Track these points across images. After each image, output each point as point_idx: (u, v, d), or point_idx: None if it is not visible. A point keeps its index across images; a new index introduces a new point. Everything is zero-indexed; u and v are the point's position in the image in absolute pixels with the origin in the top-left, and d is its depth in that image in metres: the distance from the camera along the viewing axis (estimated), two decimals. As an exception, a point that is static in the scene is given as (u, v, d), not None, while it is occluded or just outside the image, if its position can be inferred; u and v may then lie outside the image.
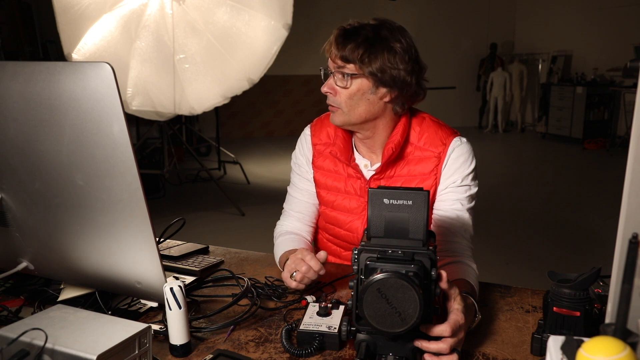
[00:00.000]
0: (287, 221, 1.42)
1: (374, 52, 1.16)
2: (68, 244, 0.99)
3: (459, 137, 1.29)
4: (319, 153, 1.37)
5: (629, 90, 8.07)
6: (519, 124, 10.17)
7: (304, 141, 1.41)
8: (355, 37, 1.17)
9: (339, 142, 1.32)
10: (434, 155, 1.26)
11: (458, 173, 1.26)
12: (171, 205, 5.08)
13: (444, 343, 0.83)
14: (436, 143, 1.27)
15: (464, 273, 1.11)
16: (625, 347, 0.52)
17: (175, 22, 3.78)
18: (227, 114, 9.05)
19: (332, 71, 1.22)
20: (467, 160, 1.26)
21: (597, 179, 6.39)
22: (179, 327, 0.90)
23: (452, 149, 1.26)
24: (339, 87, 1.21)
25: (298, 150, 1.43)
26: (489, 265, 3.41)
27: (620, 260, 0.63)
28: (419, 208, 0.84)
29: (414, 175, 1.28)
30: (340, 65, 1.19)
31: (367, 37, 1.17)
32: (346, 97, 1.21)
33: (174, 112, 4.08)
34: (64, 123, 0.85)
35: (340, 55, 1.18)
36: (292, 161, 1.44)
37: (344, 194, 1.34)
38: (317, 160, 1.37)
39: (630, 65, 6.98)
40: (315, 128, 1.40)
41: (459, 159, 1.26)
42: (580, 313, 0.87)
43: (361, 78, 1.19)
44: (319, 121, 1.41)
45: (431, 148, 1.27)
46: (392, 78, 1.18)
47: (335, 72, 1.21)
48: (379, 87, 1.20)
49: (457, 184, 1.26)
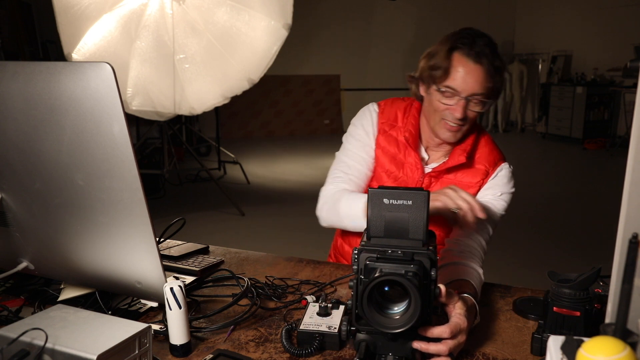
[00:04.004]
0: (339, 184, 1.37)
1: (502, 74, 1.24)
2: (68, 244, 0.99)
3: (509, 164, 1.37)
4: (384, 132, 1.39)
5: (629, 90, 8.06)
6: (519, 124, 10.16)
7: (369, 115, 1.41)
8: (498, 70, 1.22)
9: (411, 128, 1.35)
10: (484, 170, 1.34)
11: (499, 188, 1.33)
12: (171, 205, 5.08)
13: (444, 345, 0.83)
14: (489, 161, 1.34)
15: (468, 275, 1.11)
16: (625, 347, 0.52)
17: (175, 22, 3.78)
18: (227, 114, 9.05)
19: (465, 97, 1.23)
20: (509, 182, 1.35)
21: (597, 179, 6.39)
22: (179, 327, 0.90)
23: (500, 169, 1.34)
24: (470, 111, 1.25)
25: (361, 121, 1.42)
26: (489, 265, 3.40)
27: (620, 260, 0.63)
28: (419, 208, 0.84)
29: (460, 182, 1.33)
30: (481, 94, 1.23)
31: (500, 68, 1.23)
32: (474, 119, 1.28)
33: (174, 112, 4.07)
34: (64, 123, 0.85)
35: (489, 87, 1.22)
36: (352, 128, 1.43)
37: (394, 180, 1.37)
38: (380, 138, 1.39)
39: (630, 65, 6.97)
40: (384, 108, 1.41)
41: (503, 178, 1.34)
42: (580, 313, 0.87)
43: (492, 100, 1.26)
44: (389, 102, 1.43)
45: (484, 163, 1.34)
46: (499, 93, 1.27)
47: (471, 99, 1.23)
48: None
49: (495, 196, 1.32)
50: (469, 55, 1.20)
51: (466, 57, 1.21)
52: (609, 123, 8.55)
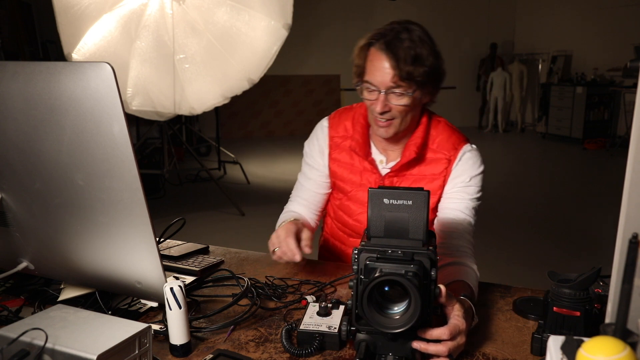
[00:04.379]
0: (294, 206, 1.45)
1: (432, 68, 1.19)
2: (68, 244, 0.99)
3: (470, 144, 1.33)
4: (335, 145, 1.39)
5: (629, 90, 8.06)
6: (519, 124, 10.16)
7: (320, 132, 1.42)
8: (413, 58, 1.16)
9: (358, 136, 1.34)
10: (445, 158, 1.30)
11: (467, 173, 1.29)
12: (171, 205, 5.08)
13: (443, 346, 0.84)
14: (448, 147, 1.31)
15: (464, 275, 1.11)
16: (625, 347, 0.52)
17: (175, 22, 3.78)
18: (227, 114, 9.05)
19: (383, 90, 1.21)
20: (475, 163, 1.31)
21: (597, 179, 6.39)
22: (179, 327, 0.90)
23: (463, 152, 1.30)
24: (394, 105, 1.22)
25: (312, 141, 1.43)
26: (490, 265, 3.41)
27: (620, 260, 0.63)
28: (419, 208, 0.84)
29: (424, 175, 1.31)
30: (398, 85, 1.19)
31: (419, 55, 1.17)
32: (402, 110, 1.23)
33: (174, 112, 4.07)
34: (64, 123, 0.85)
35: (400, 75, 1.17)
36: (305, 150, 1.45)
37: (358, 186, 1.37)
38: (333, 153, 1.39)
39: (630, 65, 6.97)
40: (334, 121, 1.41)
41: (468, 161, 1.30)
42: (580, 313, 0.87)
43: (417, 91, 1.21)
44: (337, 114, 1.42)
45: (443, 151, 1.31)
46: (438, 84, 1.23)
47: (389, 92, 1.21)
48: (425, 93, 1.23)
49: (465, 183, 1.29)
50: (381, 47, 1.19)
51: (379, 50, 1.19)
52: (609, 123, 8.55)
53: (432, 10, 10.02)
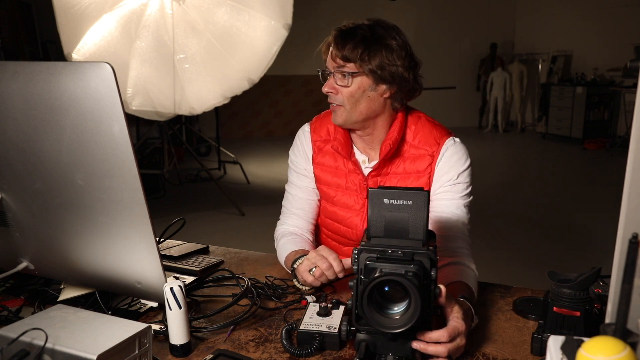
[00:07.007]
0: (288, 219, 1.41)
1: (372, 50, 1.19)
2: (68, 244, 0.99)
3: (453, 137, 1.30)
4: (319, 149, 1.38)
5: (629, 90, 8.06)
6: (519, 124, 10.16)
7: (302, 138, 1.41)
8: (353, 37, 1.20)
9: (340, 137, 1.33)
10: (427, 154, 1.28)
11: (453, 170, 1.26)
12: (171, 205, 5.08)
13: (443, 346, 0.84)
14: (430, 142, 1.28)
15: (463, 275, 1.11)
16: (625, 347, 0.52)
17: (175, 22, 3.78)
18: (227, 114, 9.04)
19: (332, 71, 1.24)
20: (461, 158, 1.27)
21: (597, 179, 6.39)
22: (179, 327, 0.90)
23: (445, 148, 1.27)
24: (339, 86, 1.23)
25: (296, 147, 1.43)
26: (489, 265, 3.41)
27: (620, 260, 0.63)
28: (419, 208, 0.84)
29: (409, 173, 1.29)
30: (340, 65, 1.21)
31: (364, 36, 1.19)
32: (348, 95, 1.23)
33: (174, 112, 4.07)
34: (64, 123, 0.85)
35: (340, 55, 1.20)
36: (291, 159, 1.44)
37: (344, 190, 1.35)
38: (317, 157, 1.38)
39: (630, 65, 6.97)
40: (315, 125, 1.40)
41: (452, 157, 1.27)
42: (580, 313, 0.87)
43: (361, 76, 1.21)
44: (319, 119, 1.42)
45: (425, 147, 1.28)
46: (391, 74, 1.20)
47: (335, 72, 1.23)
48: (379, 84, 1.22)
49: (453, 181, 1.26)
50: (335, 33, 1.23)
51: (333, 37, 1.23)
52: (609, 123, 8.55)
53: (432, 10, 10.02)
